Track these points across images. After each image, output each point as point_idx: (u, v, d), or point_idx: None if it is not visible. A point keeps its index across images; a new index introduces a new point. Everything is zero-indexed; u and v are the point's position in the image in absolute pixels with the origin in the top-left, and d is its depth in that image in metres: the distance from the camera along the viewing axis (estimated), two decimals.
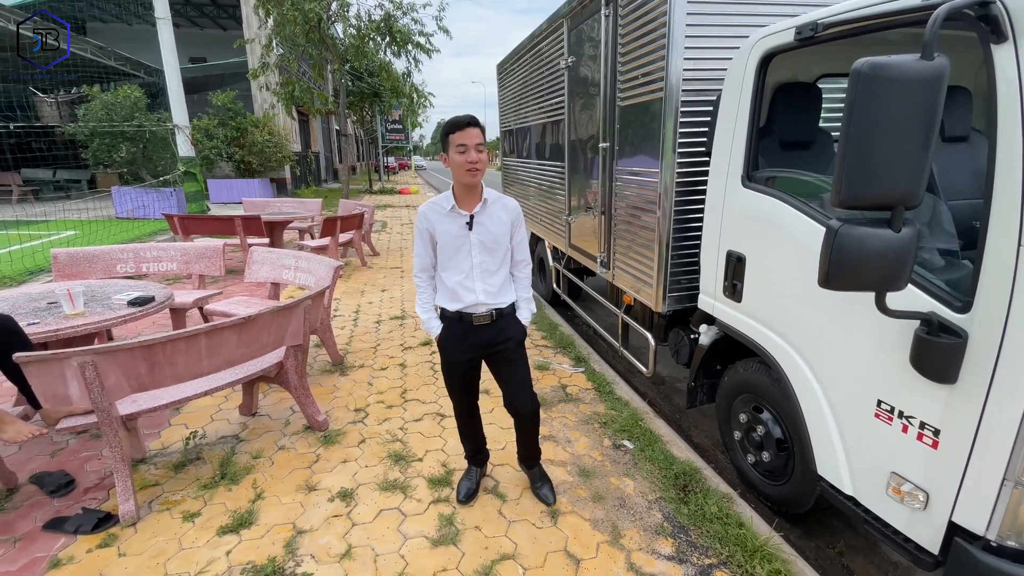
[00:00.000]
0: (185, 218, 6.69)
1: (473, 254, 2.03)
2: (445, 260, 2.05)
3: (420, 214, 2.05)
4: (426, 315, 2.15)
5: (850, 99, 1.24)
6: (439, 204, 2.03)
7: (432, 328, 2.14)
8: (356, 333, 4.71)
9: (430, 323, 2.15)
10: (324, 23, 10.56)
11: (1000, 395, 1.37)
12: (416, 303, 2.18)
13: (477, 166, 1.89)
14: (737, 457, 2.60)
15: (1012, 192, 1.30)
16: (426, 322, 2.15)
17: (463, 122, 1.88)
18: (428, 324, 2.15)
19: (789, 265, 1.99)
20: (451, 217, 2.00)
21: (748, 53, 2.15)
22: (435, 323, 2.15)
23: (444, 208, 2.00)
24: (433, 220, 2.02)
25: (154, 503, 2.34)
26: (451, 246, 2.02)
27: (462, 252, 2.02)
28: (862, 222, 1.32)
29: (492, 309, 2.09)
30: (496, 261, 2.08)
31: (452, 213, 2.00)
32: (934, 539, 1.58)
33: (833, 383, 1.88)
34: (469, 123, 1.88)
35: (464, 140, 1.87)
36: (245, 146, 13.67)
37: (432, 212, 2.03)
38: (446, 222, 2.01)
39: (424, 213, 2.04)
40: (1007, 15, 1.30)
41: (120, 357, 2.10)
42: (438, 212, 2.02)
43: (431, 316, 2.15)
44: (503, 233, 2.06)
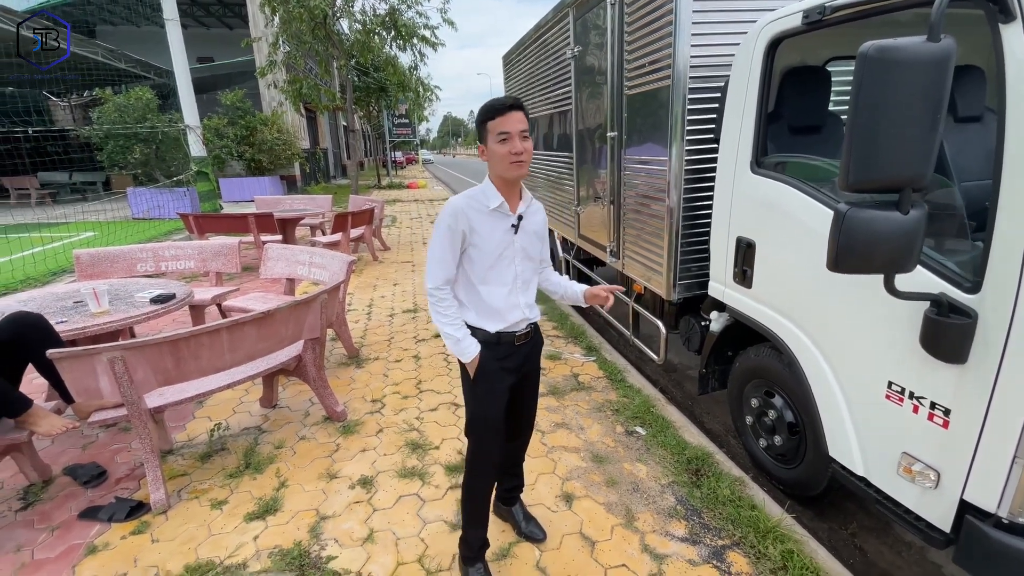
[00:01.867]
0: (200, 217, 6.80)
1: (516, 263, 1.72)
2: (483, 270, 1.68)
3: (454, 210, 1.62)
4: (460, 333, 1.68)
5: (857, 82, 1.26)
6: (478, 200, 1.66)
7: (470, 350, 1.69)
8: (370, 327, 4.79)
9: (465, 343, 1.68)
10: (329, 19, 10.59)
11: (1010, 374, 1.38)
12: (439, 321, 1.69)
13: (522, 157, 1.57)
14: (749, 442, 2.63)
15: (1021, 174, 1.30)
16: (460, 342, 1.68)
17: (504, 105, 1.56)
18: (463, 345, 1.68)
19: (799, 250, 2.00)
20: (494, 217, 1.66)
21: (756, 38, 2.15)
22: (471, 342, 1.70)
23: (486, 205, 1.64)
24: (473, 219, 1.63)
25: (183, 492, 2.43)
26: (493, 253, 1.67)
27: (505, 260, 1.69)
28: (870, 205, 1.34)
29: (531, 323, 1.82)
30: (533, 271, 1.82)
31: (497, 213, 1.65)
32: (945, 517, 1.60)
33: (844, 366, 1.90)
34: (512, 106, 1.56)
35: (506, 127, 1.55)
36: (255, 144, 13.78)
37: (471, 209, 1.63)
38: (488, 223, 1.65)
39: (460, 209, 1.62)
40: None
41: (148, 352, 2.18)
42: (478, 210, 1.64)
43: (466, 334, 1.69)
44: (540, 238, 1.80)
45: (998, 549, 1.48)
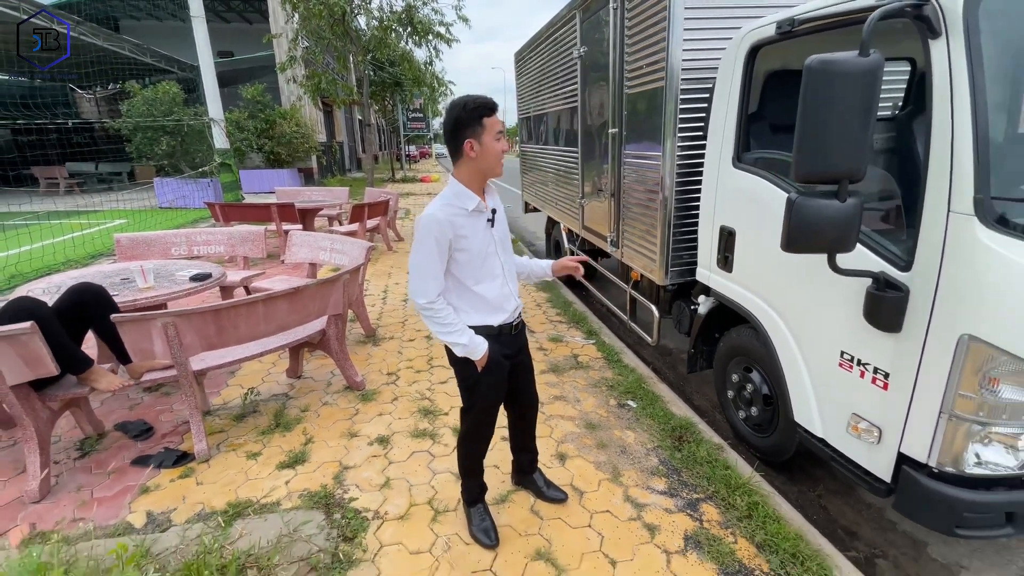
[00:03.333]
0: (225, 206, 7.16)
1: (499, 254, 1.81)
2: (475, 271, 1.74)
3: (439, 223, 1.63)
4: (465, 338, 1.73)
5: (803, 90, 1.50)
6: (454, 205, 1.68)
7: (481, 347, 1.76)
8: (385, 310, 5.09)
9: (473, 344, 1.74)
10: (348, 16, 10.89)
11: (935, 341, 1.62)
12: (440, 332, 1.74)
13: (505, 153, 1.69)
14: (730, 414, 2.88)
15: (943, 167, 1.54)
16: (468, 345, 1.74)
17: (495, 104, 1.65)
18: (472, 346, 1.74)
19: (769, 236, 2.23)
20: (474, 218, 1.71)
21: (738, 45, 2.38)
22: (479, 340, 1.76)
23: (466, 208, 1.68)
24: (457, 226, 1.66)
25: (221, 445, 2.75)
26: (481, 252, 1.73)
27: (491, 256, 1.76)
28: (815, 194, 1.58)
29: (520, 309, 1.92)
30: (511, 255, 1.90)
31: (476, 212, 1.71)
32: (886, 469, 1.84)
33: (806, 339, 2.14)
34: (497, 105, 1.66)
35: (500, 125, 1.64)
36: (274, 138, 14.21)
37: (454, 217, 1.66)
38: (470, 225, 1.69)
39: (444, 221, 1.64)
40: (941, 13, 1.53)
41: (194, 320, 2.48)
42: (460, 215, 1.67)
43: (471, 336, 1.75)
44: (507, 226, 1.90)
45: (929, 495, 1.72)
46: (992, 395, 1.56)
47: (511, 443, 2.32)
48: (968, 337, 1.53)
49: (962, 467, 1.67)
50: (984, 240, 1.49)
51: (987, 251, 1.49)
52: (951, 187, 1.52)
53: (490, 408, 1.96)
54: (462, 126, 1.64)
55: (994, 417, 1.59)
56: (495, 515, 2.16)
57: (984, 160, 1.49)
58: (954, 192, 1.52)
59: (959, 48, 1.51)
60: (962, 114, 1.51)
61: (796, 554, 1.95)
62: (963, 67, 1.51)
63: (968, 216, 1.50)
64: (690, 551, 2.00)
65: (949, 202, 1.53)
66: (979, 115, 1.49)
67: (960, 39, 1.51)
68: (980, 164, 1.49)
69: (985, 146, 1.49)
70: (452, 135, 1.67)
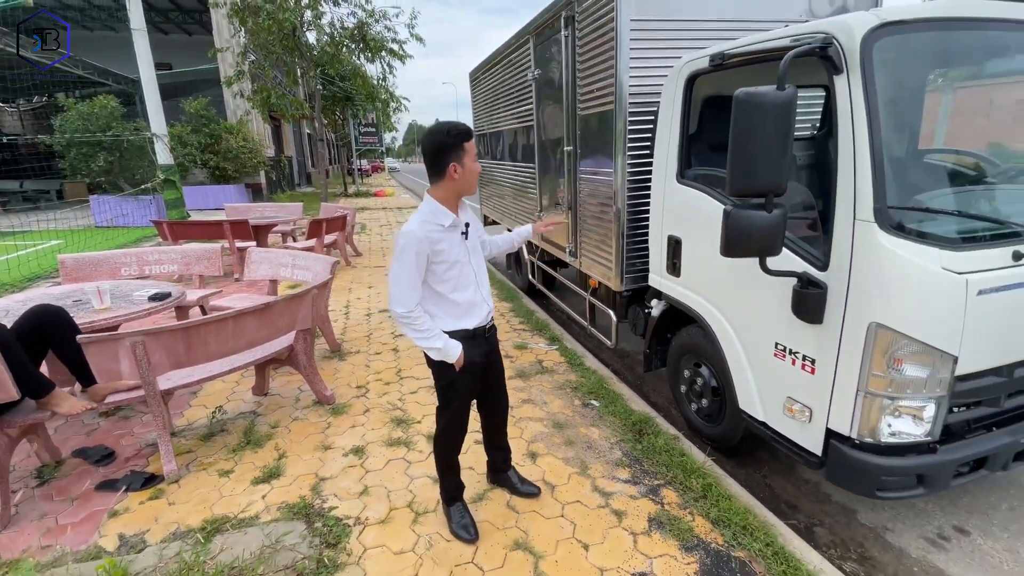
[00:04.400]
0: (173, 224, 6.94)
1: (472, 263, 1.97)
2: (452, 280, 1.89)
3: (417, 239, 1.78)
4: (440, 342, 1.88)
5: (733, 117, 1.75)
6: (431, 222, 1.84)
7: (456, 350, 1.91)
8: (349, 325, 5.10)
9: (448, 347, 1.90)
10: (298, 31, 10.81)
11: (849, 329, 1.89)
12: (418, 338, 1.88)
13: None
14: (684, 407, 3.12)
15: (848, 181, 1.83)
16: (444, 347, 1.89)
17: (471, 129, 1.85)
18: (447, 349, 1.90)
19: (711, 243, 2.49)
20: (450, 233, 1.87)
21: (678, 74, 2.67)
22: (454, 344, 1.92)
23: (443, 224, 1.84)
24: (435, 240, 1.82)
25: (191, 465, 2.72)
26: (456, 263, 1.89)
27: (464, 265, 1.93)
28: (747, 206, 1.83)
29: (492, 313, 2.09)
30: (483, 264, 2.07)
31: (452, 228, 1.87)
32: (817, 443, 2.10)
33: (746, 334, 2.40)
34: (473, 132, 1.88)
35: (475, 149, 1.85)
36: (220, 152, 13.75)
37: (431, 232, 1.82)
38: (447, 240, 1.86)
39: (422, 237, 1.79)
40: (842, 54, 1.82)
41: (164, 338, 2.48)
42: (436, 231, 1.83)
43: (446, 340, 1.90)
44: (479, 232, 2.07)
45: (853, 464, 1.98)
46: (898, 373, 1.85)
47: (485, 443, 2.46)
48: (876, 325, 1.81)
49: (878, 437, 1.94)
50: (884, 243, 1.78)
51: (886, 252, 1.78)
52: (855, 198, 1.81)
53: (465, 406, 2.11)
54: (446, 150, 1.80)
55: (900, 392, 1.88)
56: (473, 512, 2.28)
57: (880, 175, 1.78)
58: (858, 202, 1.81)
59: (857, 82, 1.81)
60: (861, 137, 1.80)
61: (746, 526, 2.18)
62: (861, 98, 1.80)
63: (870, 223, 1.79)
64: (654, 531, 2.20)
65: (855, 211, 1.82)
66: (875, 137, 1.79)
67: (858, 75, 1.81)
68: (877, 179, 1.78)
69: (881, 164, 1.79)
70: (435, 158, 1.83)
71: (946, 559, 2.23)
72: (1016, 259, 1.85)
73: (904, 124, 2.20)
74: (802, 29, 2.01)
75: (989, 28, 2.02)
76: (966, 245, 1.84)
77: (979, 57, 2.26)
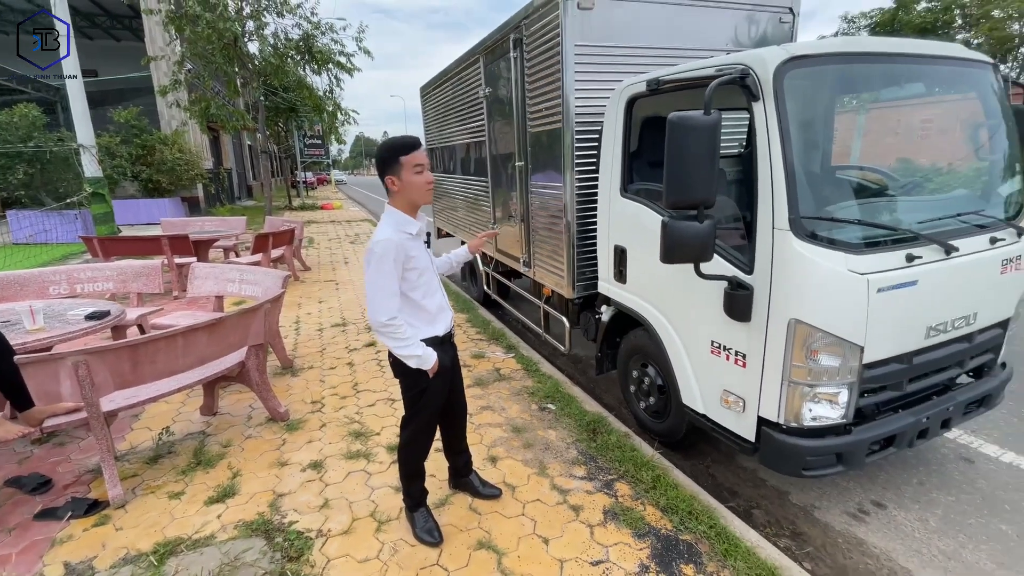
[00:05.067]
0: (105, 240, 6.55)
1: (434, 270, 2.09)
2: (423, 286, 1.99)
3: (392, 247, 1.85)
4: (420, 350, 1.95)
5: (667, 138, 1.94)
6: (403, 231, 1.93)
7: (433, 356, 1.99)
8: (300, 340, 5.00)
9: (426, 354, 1.96)
10: (240, 41, 10.51)
11: (773, 326, 2.12)
12: (398, 346, 1.92)
13: (431, 185, 1.97)
14: (633, 406, 3.31)
15: (766, 196, 2.06)
16: (423, 355, 1.95)
17: (415, 143, 1.91)
18: (425, 356, 1.96)
19: (652, 252, 2.69)
20: (417, 240, 1.99)
21: (619, 96, 2.88)
22: (430, 351, 1.99)
23: (411, 232, 1.95)
24: (407, 248, 1.91)
25: (137, 489, 2.62)
26: (426, 270, 2.00)
27: (431, 273, 2.04)
28: (683, 217, 2.03)
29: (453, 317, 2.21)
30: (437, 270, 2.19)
31: (418, 235, 1.99)
32: (751, 431, 2.32)
33: (685, 334, 2.61)
34: (419, 143, 1.92)
35: (421, 160, 1.90)
36: (153, 164, 13.05)
37: (403, 240, 1.90)
38: (416, 247, 1.97)
39: (399, 244, 1.87)
40: (759, 83, 2.07)
41: (108, 357, 2.39)
42: (407, 239, 1.93)
43: (424, 347, 1.97)
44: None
45: (782, 447, 2.20)
46: (815, 363, 2.09)
47: (445, 449, 2.52)
48: (794, 321, 2.05)
49: (802, 422, 2.17)
50: (798, 249, 2.02)
51: (801, 257, 2.02)
52: (774, 210, 2.05)
53: (435, 412, 2.17)
54: (383, 164, 1.93)
55: (818, 380, 2.11)
56: (437, 517, 2.33)
57: (793, 190, 2.03)
58: (776, 213, 2.05)
59: (771, 108, 2.06)
60: (776, 156, 2.04)
61: (691, 512, 2.36)
62: (775, 121, 2.05)
63: (786, 231, 2.03)
64: (609, 522, 2.33)
65: (773, 221, 2.05)
66: (788, 156, 2.03)
67: (771, 101, 2.05)
68: (791, 193, 2.02)
69: (793, 179, 2.03)
70: (378, 172, 1.97)
71: (866, 530, 2.50)
72: (909, 260, 2.14)
73: (814, 144, 2.49)
74: (725, 60, 2.26)
75: (881, 61, 2.34)
76: (867, 249, 2.11)
77: (874, 85, 2.60)
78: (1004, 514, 2.54)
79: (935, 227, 2.28)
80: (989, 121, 2.60)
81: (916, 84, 2.55)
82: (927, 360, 2.30)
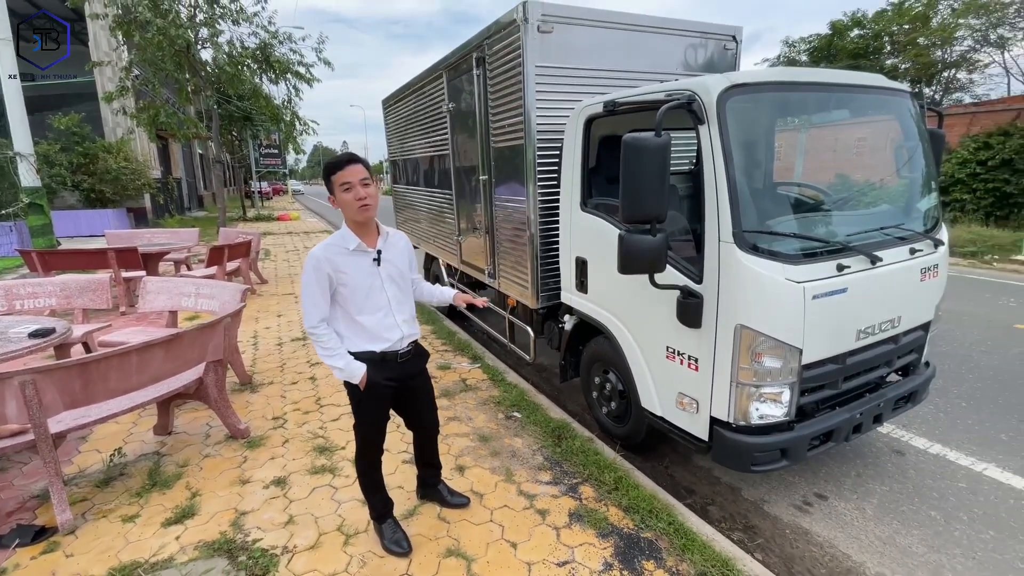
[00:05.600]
0: (45, 253, 6.20)
1: (387, 289, 2.04)
2: (358, 302, 1.98)
3: (316, 259, 1.91)
4: (343, 361, 1.98)
5: (622, 157, 2.08)
6: (337, 245, 1.95)
7: (358, 371, 2.00)
8: (259, 356, 4.88)
9: (351, 367, 1.99)
10: (193, 48, 10.22)
11: (721, 332, 2.28)
12: (323, 355, 1.97)
13: (367, 201, 1.90)
14: (596, 410, 3.43)
15: (712, 211, 2.23)
16: (346, 367, 1.98)
17: (342, 161, 1.89)
18: (351, 368, 1.99)
19: (611, 263, 2.83)
20: (356, 256, 1.97)
21: (578, 116, 3.03)
22: (357, 365, 2.00)
23: (346, 248, 1.95)
24: (336, 263, 1.93)
25: (87, 514, 2.50)
26: (363, 286, 1.98)
27: (375, 290, 2.01)
28: (638, 231, 2.16)
29: (412, 340, 2.16)
30: (405, 292, 2.15)
31: (357, 252, 1.97)
32: (704, 430, 2.46)
33: (643, 340, 2.75)
34: (348, 160, 1.89)
35: (347, 178, 1.87)
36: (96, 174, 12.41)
37: (332, 254, 1.93)
38: (351, 262, 1.95)
39: (323, 257, 1.91)
40: (703, 108, 2.24)
41: (57, 375, 2.30)
42: (339, 253, 1.94)
43: (349, 360, 1.99)
44: (406, 265, 2.14)
45: (733, 444, 2.35)
46: (759, 365, 2.25)
47: (416, 460, 2.55)
48: (740, 326, 2.21)
49: (750, 420, 2.33)
50: (742, 260, 2.18)
51: (744, 267, 2.18)
52: (719, 224, 2.22)
53: (374, 425, 2.17)
54: (326, 184, 1.97)
55: (763, 381, 2.28)
56: (405, 528, 2.35)
57: (736, 206, 2.20)
58: (721, 228, 2.22)
59: (715, 131, 2.23)
60: (720, 175, 2.21)
61: (652, 510, 2.47)
62: (719, 143, 2.22)
63: (731, 244, 2.19)
64: (574, 524, 2.42)
65: (719, 234, 2.22)
66: (731, 175, 2.21)
67: (715, 125, 2.23)
68: (734, 208, 2.19)
69: (736, 196, 2.20)
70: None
71: (811, 521, 2.68)
72: (839, 270, 2.34)
73: (755, 163, 2.71)
74: (674, 86, 2.43)
75: (812, 90, 2.58)
76: (803, 260, 2.30)
77: (806, 111, 2.85)
78: (933, 501, 2.78)
79: (862, 239, 2.51)
80: (908, 143, 2.89)
81: (843, 110, 2.81)
82: (859, 360, 2.51)
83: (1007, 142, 12.15)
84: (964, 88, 18.72)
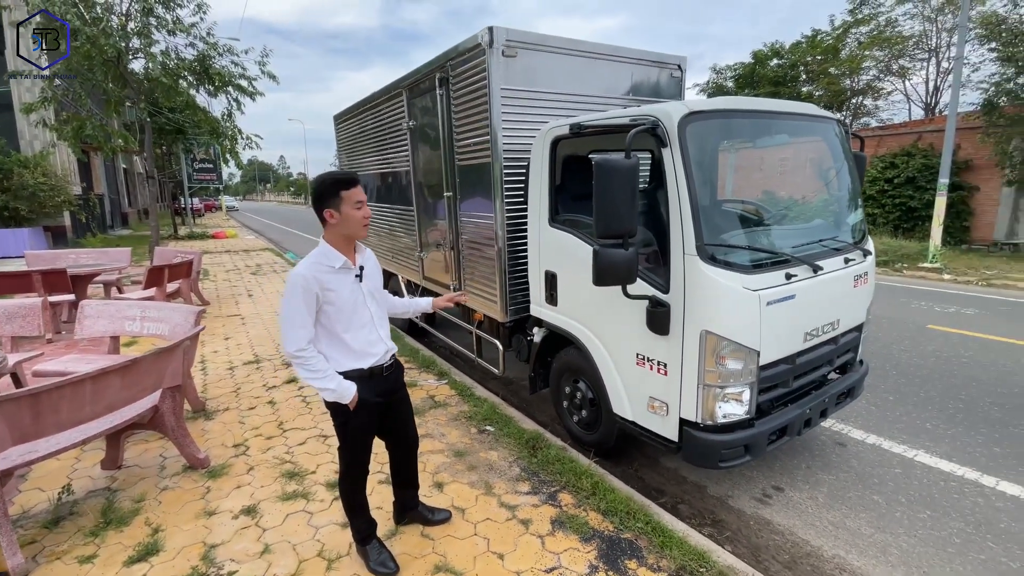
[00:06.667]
0: None
1: (369, 305, 2.06)
2: (344, 320, 1.97)
3: (304, 279, 1.88)
4: (334, 382, 1.95)
5: (594, 177, 2.21)
6: (322, 264, 1.94)
7: (350, 391, 1.98)
8: (210, 381, 4.64)
9: (342, 388, 1.96)
10: (124, 58, 9.65)
11: (688, 337, 2.45)
12: (310, 379, 1.93)
13: (368, 220, 2.01)
14: (566, 420, 3.53)
15: (677, 226, 2.41)
16: (338, 388, 1.95)
17: (352, 179, 1.94)
18: (341, 390, 1.96)
19: (581, 275, 2.98)
20: (341, 274, 1.97)
21: (544, 136, 3.17)
22: (348, 384, 1.98)
23: (333, 266, 1.95)
24: (324, 281, 1.91)
25: (38, 557, 2.30)
26: (348, 304, 1.97)
27: (359, 307, 2.01)
28: (611, 245, 2.30)
29: (392, 353, 2.19)
30: (383, 307, 2.18)
31: (343, 270, 1.97)
32: (674, 431, 2.61)
33: (613, 348, 2.89)
34: (356, 179, 1.96)
35: (361, 196, 1.95)
36: (10, 190, 11.36)
37: (320, 274, 1.92)
38: (337, 281, 1.95)
39: (312, 277, 1.89)
40: (666, 132, 2.43)
41: (6, 408, 2.12)
42: (326, 272, 1.93)
43: (339, 381, 1.97)
44: (380, 280, 2.20)
45: (701, 443, 2.51)
46: (723, 367, 2.43)
47: (393, 481, 2.49)
48: (705, 331, 2.38)
49: (716, 419, 2.50)
50: (704, 271, 2.37)
51: (706, 277, 2.37)
52: (683, 238, 2.40)
53: (364, 443, 2.15)
54: (322, 197, 1.94)
55: (726, 382, 2.46)
56: (390, 547, 2.32)
57: (697, 222, 2.39)
58: (686, 241, 2.40)
59: (677, 153, 2.42)
60: (683, 193, 2.40)
61: (629, 512, 2.58)
62: (680, 164, 2.41)
63: (694, 256, 2.37)
64: (557, 531, 2.48)
65: (683, 247, 2.40)
66: (692, 194, 2.40)
67: (677, 148, 2.42)
68: (696, 224, 2.38)
69: (697, 213, 2.39)
70: (315, 205, 1.97)
71: (770, 511, 2.88)
72: (788, 278, 2.58)
73: (711, 182, 2.93)
74: (638, 112, 2.62)
75: (759, 116, 2.86)
76: (757, 270, 2.52)
77: (755, 134, 3.12)
78: (874, 486, 3.07)
79: (804, 251, 2.78)
80: (836, 164, 3.24)
81: (783, 134, 3.11)
82: (806, 360, 2.76)
83: (910, 161, 13.63)
84: (870, 113, 20.79)
